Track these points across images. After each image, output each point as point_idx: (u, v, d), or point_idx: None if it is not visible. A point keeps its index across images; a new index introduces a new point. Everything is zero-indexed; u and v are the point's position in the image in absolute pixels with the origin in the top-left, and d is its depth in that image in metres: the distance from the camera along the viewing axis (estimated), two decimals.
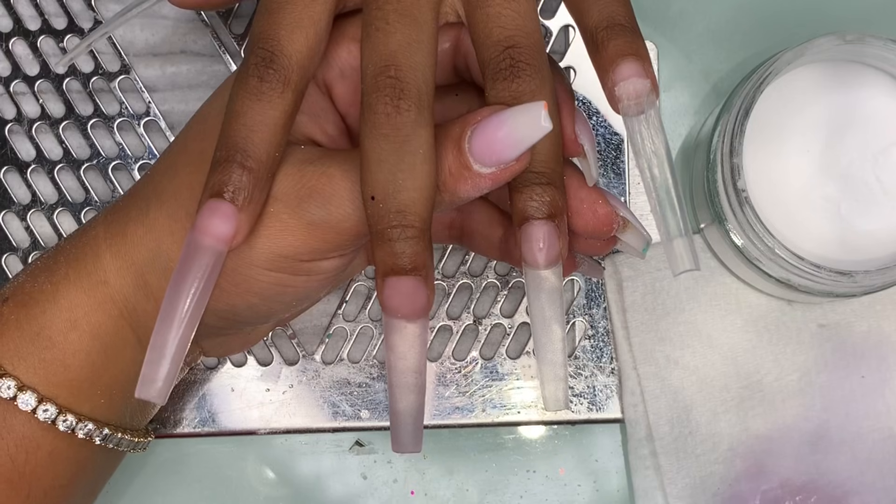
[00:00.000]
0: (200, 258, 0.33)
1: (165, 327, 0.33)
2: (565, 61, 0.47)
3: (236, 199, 0.32)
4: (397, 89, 0.32)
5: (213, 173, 0.33)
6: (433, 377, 0.48)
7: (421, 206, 0.32)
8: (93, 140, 0.47)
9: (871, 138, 0.43)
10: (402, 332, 0.33)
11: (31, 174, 0.47)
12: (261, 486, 0.49)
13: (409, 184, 0.32)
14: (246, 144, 0.32)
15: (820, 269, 0.41)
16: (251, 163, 0.32)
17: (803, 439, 0.47)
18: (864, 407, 0.47)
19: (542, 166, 0.33)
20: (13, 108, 0.47)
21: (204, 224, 0.32)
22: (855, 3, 0.49)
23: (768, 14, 0.49)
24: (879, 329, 0.47)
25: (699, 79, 0.49)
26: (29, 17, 0.47)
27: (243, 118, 0.33)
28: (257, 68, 0.33)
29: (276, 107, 0.33)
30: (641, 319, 0.47)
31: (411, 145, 0.32)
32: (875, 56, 0.43)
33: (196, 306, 0.33)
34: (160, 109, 0.47)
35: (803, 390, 0.47)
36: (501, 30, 0.33)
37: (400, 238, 0.32)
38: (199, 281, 0.33)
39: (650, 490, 0.47)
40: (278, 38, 0.33)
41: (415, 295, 0.32)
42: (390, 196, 0.32)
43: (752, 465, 0.47)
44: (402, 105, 0.32)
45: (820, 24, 0.49)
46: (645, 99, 0.33)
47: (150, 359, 0.33)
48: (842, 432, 0.47)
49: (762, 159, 0.43)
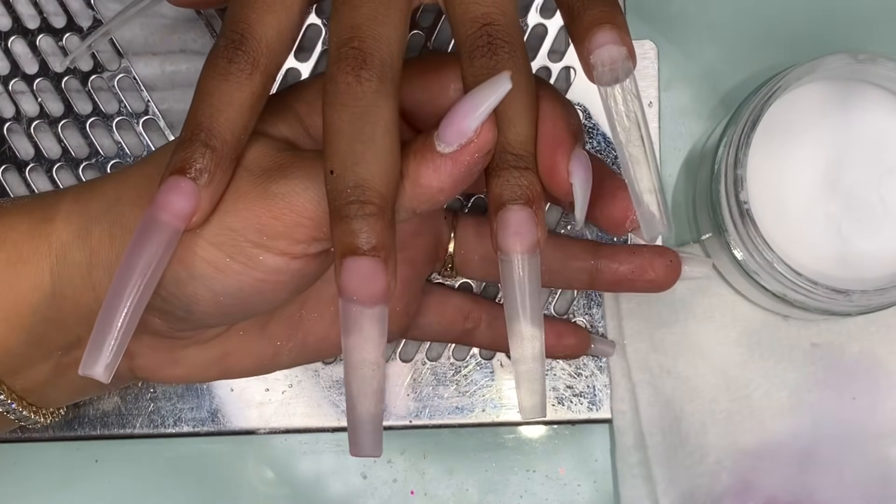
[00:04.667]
0: (157, 234, 0.31)
1: (115, 301, 0.31)
2: (565, 61, 0.47)
3: (198, 178, 0.31)
4: (359, 59, 0.31)
5: (177, 151, 0.32)
6: (433, 377, 0.47)
7: (381, 182, 0.31)
8: (92, 139, 0.47)
9: (876, 158, 0.43)
10: (359, 319, 0.31)
11: (30, 173, 0.47)
12: (261, 486, 0.49)
13: (368, 156, 0.31)
14: (211, 123, 0.32)
15: (817, 285, 0.41)
16: (215, 142, 0.32)
17: (791, 457, 0.47)
18: (854, 429, 0.47)
19: (520, 148, 0.32)
20: (12, 106, 0.47)
21: (163, 199, 0.31)
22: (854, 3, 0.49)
23: (768, 13, 0.49)
24: (873, 351, 0.47)
25: (699, 79, 0.49)
26: (28, 16, 0.47)
27: (210, 98, 0.32)
28: (226, 49, 0.32)
29: (244, 88, 0.32)
30: (637, 328, 0.47)
31: (371, 116, 0.31)
32: (885, 77, 0.43)
33: (148, 282, 0.31)
34: (159, 108, 0.47)
35: (793, 408, 0.47)
36: (478, 6, 0.33)
37: (357, 215, 0.30)
38: (152, 257, 0.31)
39: (638, 499, 0.47)
40: (249, 21, 0.32)
41: (373, 277, 0.30)
42: (348, 168, 0.30)
43: (738, 480, 0.46)
44: (364, 74, 0.31)
45: (820, 23, 0.49)
46: (620, 66, 0.32)
47: (97, 334, 0.31)
48: (830, 453, 0.46)
49: (766, 173, 0.43)
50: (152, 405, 0.47)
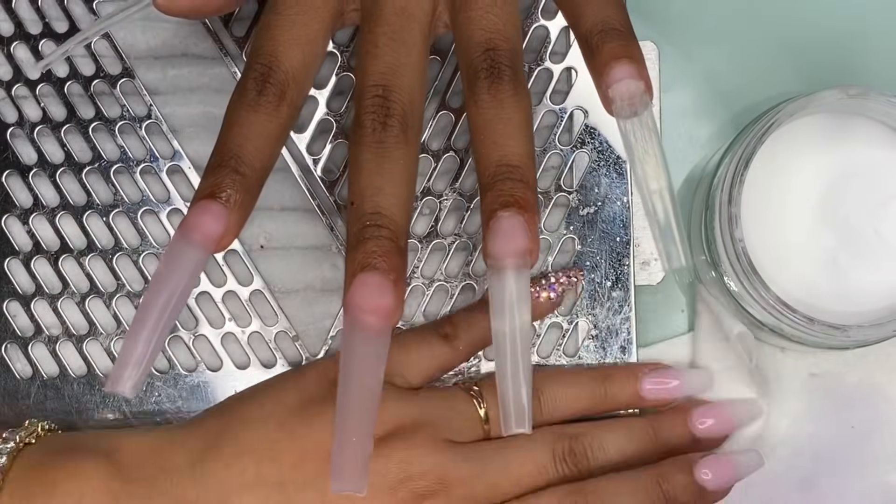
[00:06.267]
0: (187, 254, 0.33)
1: (145, 318, 0.32)
2: (566, 62, 0.47)
3: (228, 202, 0.33)
4: (384, 108, 0.33)
5: (206, 177, 0.33)
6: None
7: (397, 212, 0.32)
8: (94, 143, 0.47)
9: (870, 191, 0.43)
10: (362, 337, 0.31)
11: (33, 178, 0.47)
12: None
13: (386, 189, 0.32)
14: (241, 152, 0.33)
15: (813, 321, 0.41)
16: (244, 168, 0.33)
17: (791, 486, 0.46)
18: (854, 457, 0.46)
19: (517, 160, 0.33)
20: (15, 111, 0.47)
21: (194, 221, 0.33)
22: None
23: (769, 13, 0.49)
24: (871, 380, 0.47)
25: (699, 80, 0.49)
26: (30, 21, 0.47)
27: (239, 128, 0.34)
28: (255, 81, 0.34)
29: (272, 119, 0.34)
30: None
31: (392, 155, 0.33)
32: (877, 110, 0.43)
33: (177, 303, 0.33)
34: (162, 112, 0.47)
35: (792, 437, 0.47)
36: (483, 32, 0.35)
37: (372, 237, 0.32)
38: (181, 277, 0.32)
39: None
40: (276, 54, 0.34)
41: (382, 291, 0.31)
42: (367, 198, 0.32)
43: None
44: (388, 122, 0.33)
45: (820, 22, 0.49)
46: (638, 100, 0.33)
47: (125, 351, 0.32)
48: (830, 482, 0.46)
49: (761, 207, 0.43)
50: (156, 407, 0.47)
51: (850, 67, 0.49)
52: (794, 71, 0.49)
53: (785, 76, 0.49)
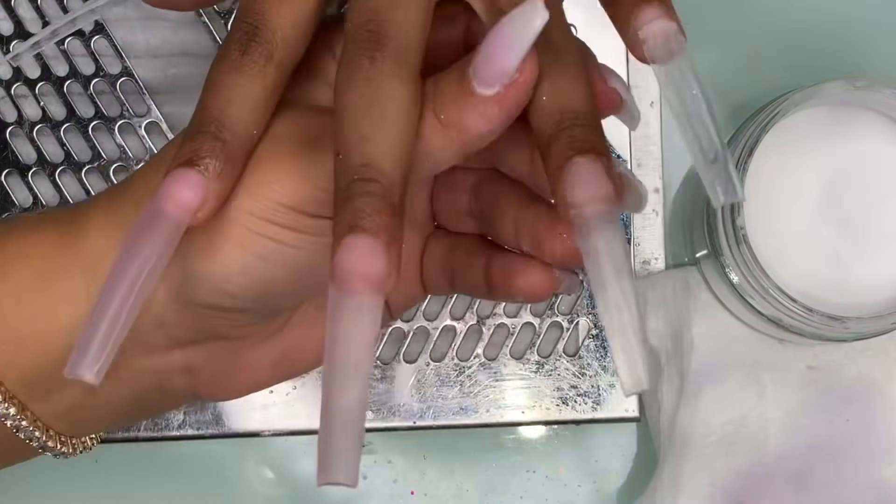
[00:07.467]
0: (159, 226, 0.29)
1: (111, 296, 0.28)
2: None
3: (206, 170, 0.29)
4: (374, 41, 0.28)
5: (185, 143, 0.30)
6: (437, 378, 0.48)
7: (388, 162, 0.27)
8: (94, 142, 0.47)
9: (873, 183, 0.44)
10: (350, 306, 0.26)
11: (33, 177, 0.47)
12: (261, 487, 0.49)
13: (375, 135, 0.28)
14: (222, 116, 0.29)
15: (812, 312, 0.41)
16: (225, 134, 0.29)
17: (785, 479, 0.46)
18: (848, 451, 0.47)
19: (581, 105, 0.29)
20: (14, 110, 0.47)
21: (168, 190, 0.29)
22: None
23: (769, 13, 0.49)
24: (869, 374, 0.47)
25: (702, 77, 0.49)
26: (30, 20, 0.47)
27: (221, 90, 0.30)
28: (239, 41, 0.30)
29: (257, 81, 0.30)
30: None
31: (382, 95, 0.28)
32: (882, 102, 0.43)
33: (147, 278, 0.29)
34: (161, 111, 0.47)
35: (788, 430, 0.47)
36: None
37: (361, 192, 0.27)
38: (152, 250, 0.29)
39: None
40: (263, 12, 0.30)
41: (372, 257, 0.26)
42: (353, 146, 0.28)
43: (732, 502, 0.46)
44: (377, 55, 0.28)
45: (819, 22, 0.49)
46: (673, 39, 0.29)
47: (87, 332, 0.28)
48: (824, 475, 0.46)
49: (763, 198, 0.43)
50: None
51: (851, 62, 0.49)
52: (793, 66, 0.49)
53: (784, 72, 0.49)
